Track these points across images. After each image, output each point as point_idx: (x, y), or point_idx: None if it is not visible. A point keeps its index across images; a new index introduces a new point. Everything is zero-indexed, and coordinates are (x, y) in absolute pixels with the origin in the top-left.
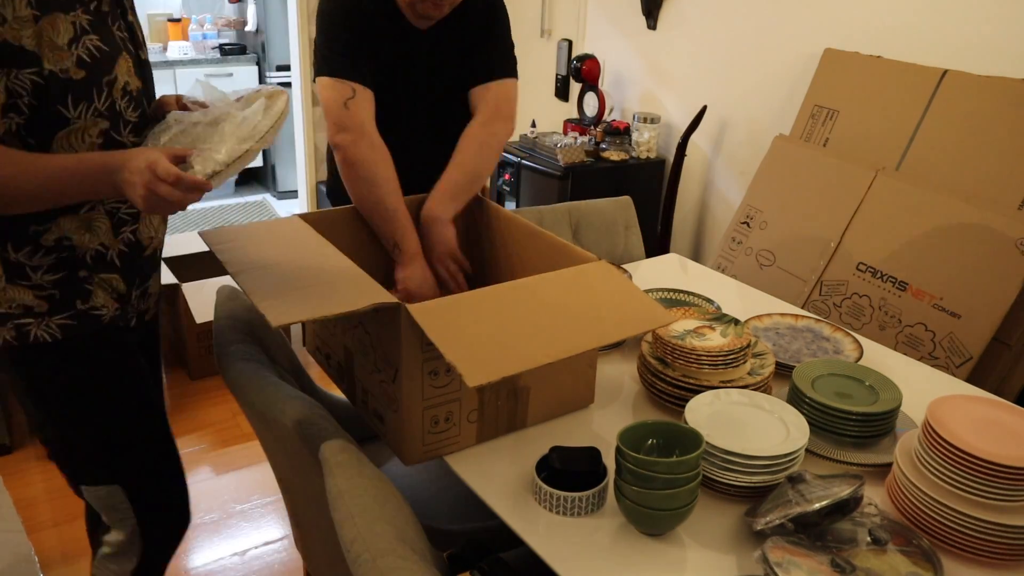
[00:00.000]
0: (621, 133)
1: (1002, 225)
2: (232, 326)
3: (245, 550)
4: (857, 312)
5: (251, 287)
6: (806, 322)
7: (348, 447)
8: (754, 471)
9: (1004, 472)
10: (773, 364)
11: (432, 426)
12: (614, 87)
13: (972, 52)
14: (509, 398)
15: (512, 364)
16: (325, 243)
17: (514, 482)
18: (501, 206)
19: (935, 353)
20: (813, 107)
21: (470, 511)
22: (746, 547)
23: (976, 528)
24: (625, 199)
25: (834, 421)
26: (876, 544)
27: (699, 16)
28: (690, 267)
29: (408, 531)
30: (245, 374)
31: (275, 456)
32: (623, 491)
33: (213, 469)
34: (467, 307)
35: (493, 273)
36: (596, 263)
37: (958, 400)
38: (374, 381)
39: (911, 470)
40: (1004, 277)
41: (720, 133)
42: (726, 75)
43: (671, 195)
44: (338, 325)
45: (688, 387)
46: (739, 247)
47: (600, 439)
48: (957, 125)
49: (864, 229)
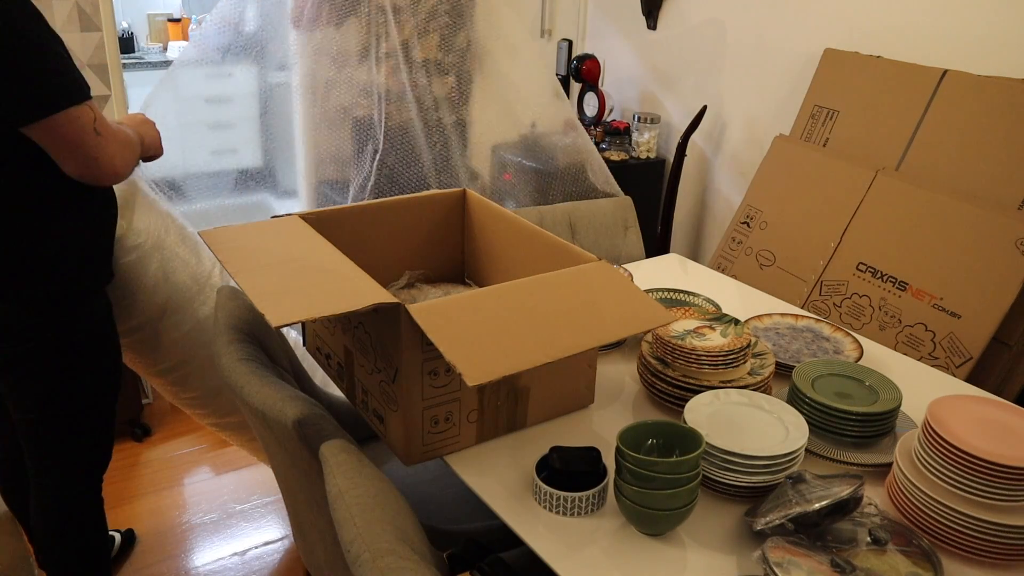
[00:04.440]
0: (621, 133)
1: (1002, 225)
2: (232, 326)
3: (245, 550)
4: (857, 312)
5: (251, 287)
6: (806, 322)
7: (348, 447)
8: (754, 471)
9: (1004, 472)
10: (773, 364)
11: (432, 426)
12: (614, 87)
13: (972, 52)
14: (509, 398)
15: (512, 364)
16: (325, 243)
17: (514, 482)
18: (501, 206)
19: (935, 353)
20: (813, 107)
21: (470, 511)
22: (746, 547)
23: (976, 528)
24: (625, 199)
25: (834, 421)
26: (876, 544)
27: (699, 16)
28: (690, 267)
29: (408, 531)
30: (245, 374)
31: (275, 456)
32: (623, 491)
33: (213, 469)
34: (467, 307)
35: (493, 273)
36: (596, 263)
37: (958, 400)
38: (374, 381)
39: (911, 470)
40: (1004, 277)
41: (720, 133)
42: (726, 75)
43: (671, 195)
44: (338, 325)
45: (688, 387)
46: (739, 247)
47: (600, 439)
48: (957, 125)
49: (864, 229)
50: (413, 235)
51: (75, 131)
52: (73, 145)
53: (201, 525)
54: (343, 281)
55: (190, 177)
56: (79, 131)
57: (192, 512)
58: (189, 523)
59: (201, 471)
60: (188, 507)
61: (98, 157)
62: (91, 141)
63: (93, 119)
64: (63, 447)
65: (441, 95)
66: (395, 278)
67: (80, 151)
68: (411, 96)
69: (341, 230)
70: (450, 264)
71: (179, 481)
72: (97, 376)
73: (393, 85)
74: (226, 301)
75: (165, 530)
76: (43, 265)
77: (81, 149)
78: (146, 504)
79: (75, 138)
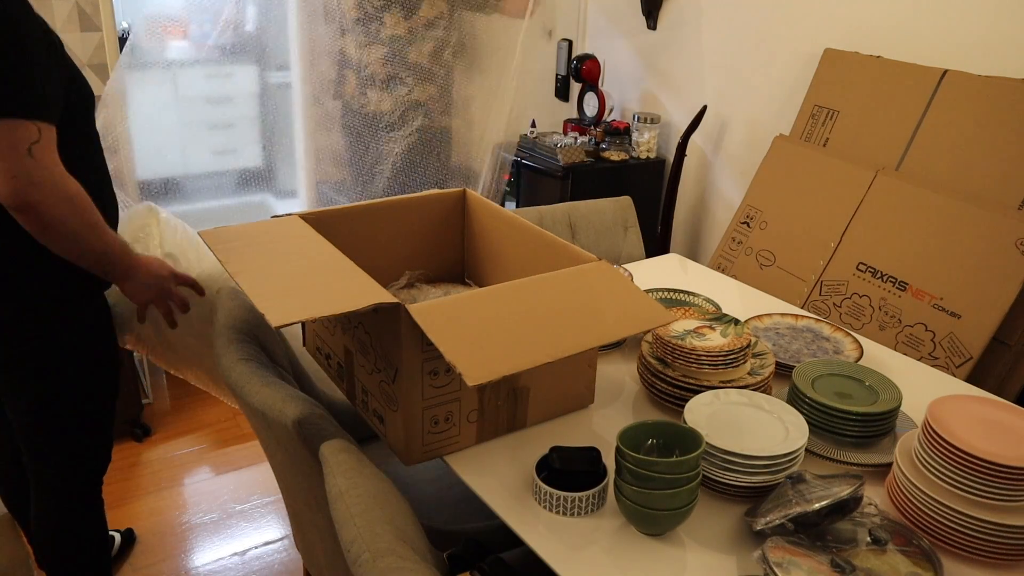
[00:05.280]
0: (621, 133)
1: (1002, 225)
2: (232, 326)
3: (245, 550)
4: (857, 312)
5: (251, 287)
6: (806, 322)
7: (348, 447)
8: (754, 471)
9: (1004, 472)
10: (773, 364)
11: (432, 426)
12: (614, 87)
13: (972, 52)
14: (509, 398)
15: (512, 363)
16: (325, 243)
17: (514, 482)
18: (501, 206)
19: (935, 353)
20: (813, 107)
21: (470, 511)
22: (746, 547)
23: (976, 528)
24: (625, 199)
25: (834, 421)
26: (876, 544)
27: (699, 16)
28: (690, 267)
29: (408, 531)
30: (245, 374)
31: (275, 456)
32: (623, 491)
33: (213, 469)
34: (467, 307)
35: (493, 273)
36: (596, 263)
37: (958, 400)
38: (374, 381)
39: (911, 470)
40: (1004, 277)
41: (720, 133)
42: (726, 75)
43: (671, 195)
44: (338, 325)
45: (688, 387)
46: (739, 247)
47: (600, 439)
48: (957, 125)
49: (864, 229)
50: (413, 235)
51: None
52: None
53: (201, 525)
54: (343, 281)
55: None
56: (12, 142)
57: (192, 512)
58: (189, 523)
59: (201, 471)
60: (188, 507)
61: (17, 176)
62: (18, 157)
63: (33, 140)
64: (62, 449)
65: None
66: (395, 278)
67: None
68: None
69: (341, 230)
70: (450, 264)
71: (179, 481)
72: (96, 378)
73: (382, 76)
74: (226, 301)
75: (165, 530)
76: (42, 267)
77: (4, 161)
78: (146, 504)
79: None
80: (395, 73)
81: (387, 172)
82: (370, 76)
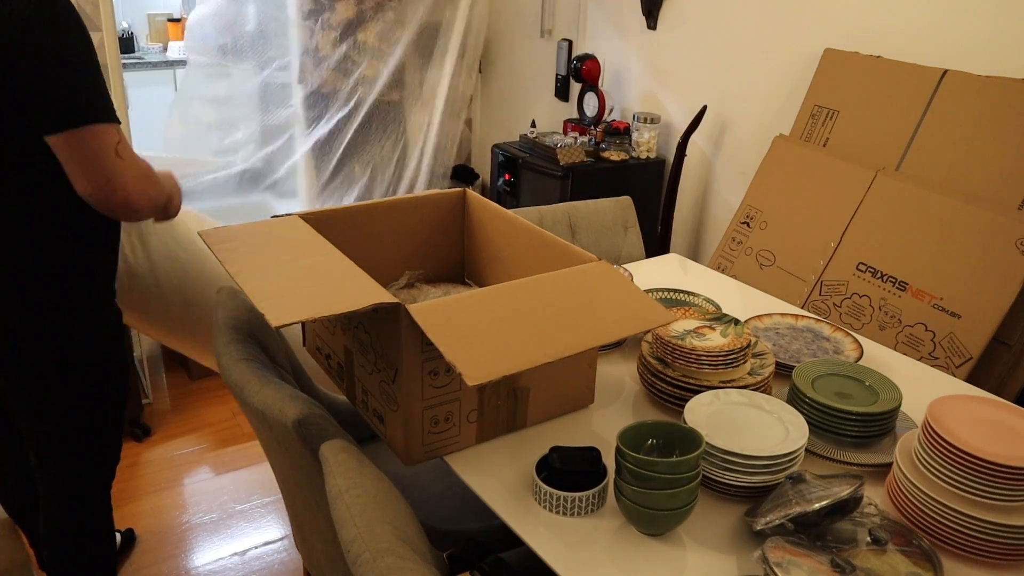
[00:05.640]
0: (621, 133)
1: (1002, 225)
2: (232, 326)
3: (245, 550)
4: (857, 312)
5: (251, 287)
6: (806, 322)
7: (348, 447)
8: (754, 471)
9: (1004, 472)
10: (773, 364)
11: (432, 426)
12: (614, 87)
13: (972, 52)
14: (509, 398)
15: (512, 363)
16: (325, 243)
17: (514, 482)
18: (501, 206)
19: (935, 353)
20: (813, 107)
21: (470, 511)
22: (746, 547)
23: (976, 528)
24: (625, 199)
25: (834, 421)
26: (876, 544)
27: (699, 16)
28: (690, 267)
29: (408, 531)
30: (245, 374)
31: (275, 456)
32: (623, 491)
33: (213, 469)
34: (467, 307)
35: (493, 273)
36: (596, 263)
37: (958, 400)
38: (374, 381)
39: (911, 470)
40: (1004, 277)
41: (720, 133)
42: (726, 75)
43: (671, 195)
44: (338, 325)
45: (688, 387)
46: (739, 247)
47: (600, 439)
48: (957, 125)
49: (864, 229)
50: (413, 235)
51: (97, 147)
52: (91, 161)
53: (201, 525)
54: (343, 281)
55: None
56: (101, 148)
57: (192, 512)
58: (189, 523)
59: (201, 471)
60: (188, 507)
61: (112, 179)
62: (110, 161)
63: (116, 141)
64: (72, 456)
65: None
66: (395, 278)
67: (97, 169)
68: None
69: (341, 230)
70: (450, 264)
71: (179, 481)
72: (106, 386)
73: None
74: (226, 301)
75: (165, 530)
76: (53, 274)
77: (98, 167)
78: (146, 504)
79: (95, 154)
80: (347, 54)
81: (339, 150)
82: (323, 58)
